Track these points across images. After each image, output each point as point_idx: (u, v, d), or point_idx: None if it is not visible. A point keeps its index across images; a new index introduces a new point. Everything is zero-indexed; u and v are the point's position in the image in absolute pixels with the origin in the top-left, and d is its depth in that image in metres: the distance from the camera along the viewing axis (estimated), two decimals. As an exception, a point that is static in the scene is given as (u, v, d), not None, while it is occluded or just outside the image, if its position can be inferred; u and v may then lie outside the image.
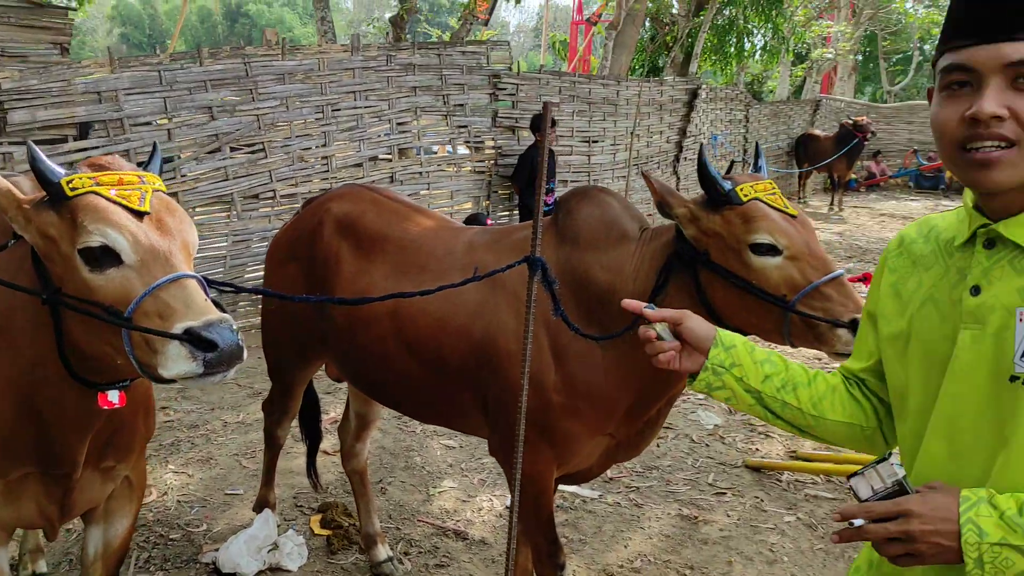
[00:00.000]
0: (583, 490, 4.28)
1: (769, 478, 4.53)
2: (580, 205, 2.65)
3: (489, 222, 7.78)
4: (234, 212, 6.99)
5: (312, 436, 3.83)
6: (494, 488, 4.33)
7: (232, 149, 6.94)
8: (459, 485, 4.37)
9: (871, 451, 1.54)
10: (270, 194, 7.19)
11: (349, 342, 2.93)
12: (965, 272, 1.29)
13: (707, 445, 4.99)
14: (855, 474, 1.26)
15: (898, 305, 1.40)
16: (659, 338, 1.54)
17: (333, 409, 5.35)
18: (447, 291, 2.51)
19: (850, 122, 15.74)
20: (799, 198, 17.18)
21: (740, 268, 2.22)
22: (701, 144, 2.93)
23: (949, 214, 1.42)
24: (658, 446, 4.91)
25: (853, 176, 18.64)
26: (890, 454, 1.25)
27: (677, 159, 13.04)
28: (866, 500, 1.22)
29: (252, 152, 7.07)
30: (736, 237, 2.23)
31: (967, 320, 1.25)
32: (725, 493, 4.35)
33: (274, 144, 7.15)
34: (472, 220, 7.57)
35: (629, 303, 1.61)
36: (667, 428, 5.14)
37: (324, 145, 7.52)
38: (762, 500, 4.26)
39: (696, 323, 1.54)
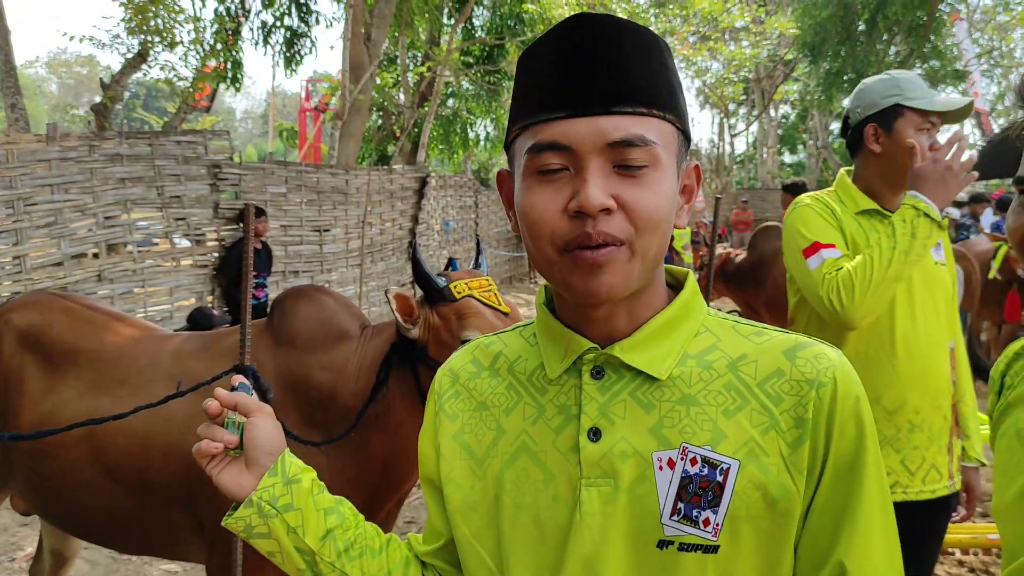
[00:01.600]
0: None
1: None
2: (296, 305, 2.54)
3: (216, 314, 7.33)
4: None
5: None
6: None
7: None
8: (181, 616, 3.93)
9: None
10: (-51, 300, 6.31)
11: (36, 471, 2.56)
12: (570, 410, 0.99)
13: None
14: None
15: (471, 464, 1.05)
16: (225, 425, 1.10)
17: (29, 544, 4.67)
18: (155, 407, 2.29)
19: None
20: (530, 278, 18.00)
21: None
22: (412, 242, 2.96)
23: (507, 334, 1.13)
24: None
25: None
26: None
27: (411, 245, 13.18)
28: None
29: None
30: (451, 332, 2.26)
31: (590, 474, 0.95)
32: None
33: (-47, 244, 6.32)
34: (197, 315, 7.08)
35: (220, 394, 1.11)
36: (410, 523, 5.01)
37: (16, 243, 6.75)
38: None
39: (263, 429, 1.08)
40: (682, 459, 0.93)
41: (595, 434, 0.96)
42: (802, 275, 2.26)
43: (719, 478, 0.92)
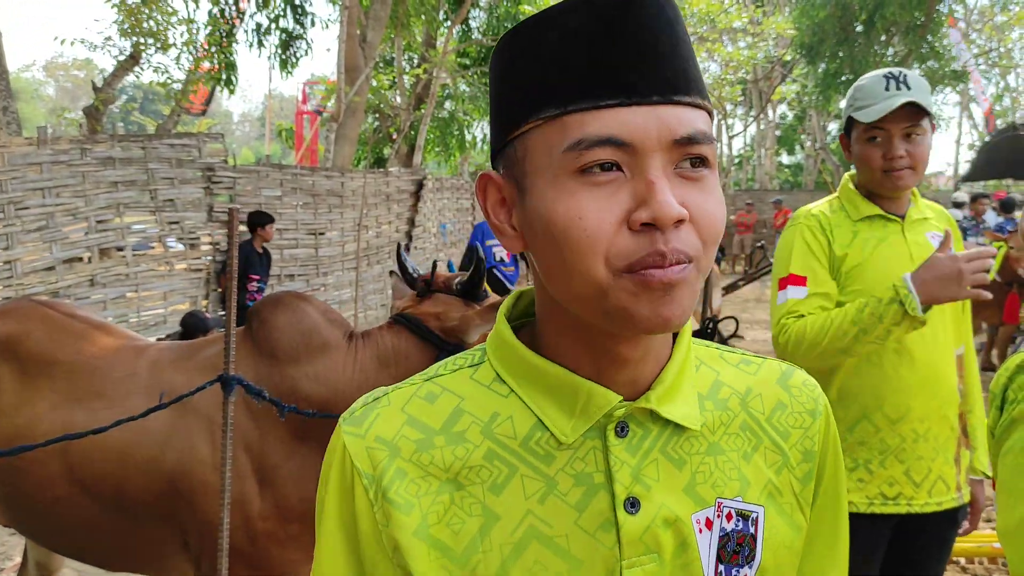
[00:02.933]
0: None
1: None
2: (274, 314, 2.47)
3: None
4: None
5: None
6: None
7: None
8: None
9: None
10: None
11: (12, 486, 2.49)
12: (593, 479, 0.80)
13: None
14: None
15: (448, 565, 0.79)
16: None
17: (18, 553, 4.60)
18: (135, 419, 2.23)
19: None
20: (527, 281, 17.95)
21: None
22: (399, 244, 2.94)
23: (448, 378, 0.86)
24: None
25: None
26: None
27: (408, 248, 13.16)
28: None
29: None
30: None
31: (632, 553, 0.79)
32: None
33: (-58, 249, 6.25)
34: (190, 319, 7.01)
35: None
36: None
37: (7, 248, 6.68)
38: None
39: None
40: (718, 516, 0.82)
41: (633, 505, 0.79)
42: (771, 302, 2.28)
43: (751, 529, 0.83)
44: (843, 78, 22.61)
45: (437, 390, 0.84)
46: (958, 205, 11.59)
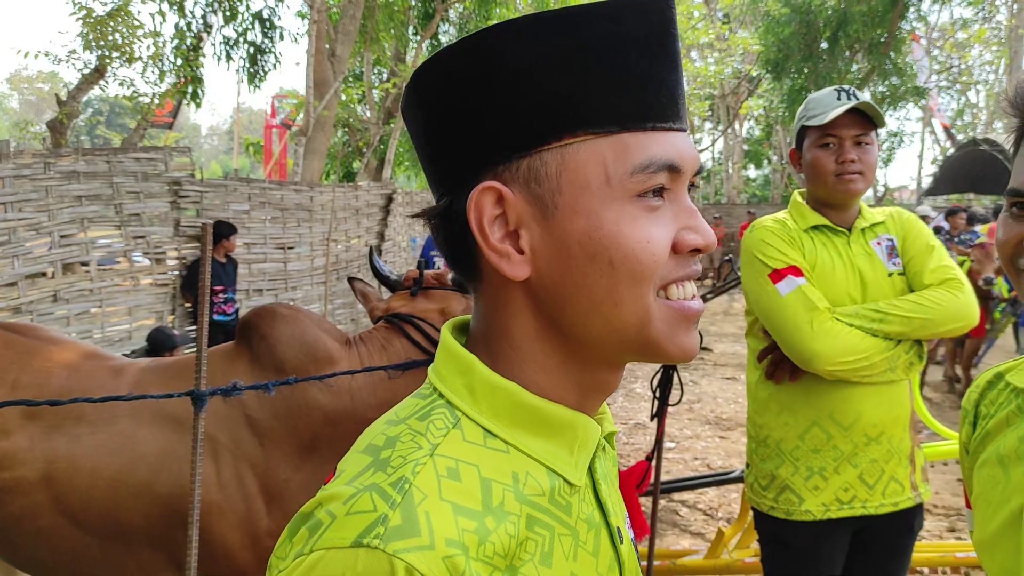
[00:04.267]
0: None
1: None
2: (275, 327, 2.40)
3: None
4: None
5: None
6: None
7: None
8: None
9: None
10: None
11: None
12: (594, 518, 0.78)
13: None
14: None
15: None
16: None
17: None
18: (122, 443, 2.20)
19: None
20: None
21: None
22: (371, 248, 2.92)
23: (449, 446, 0.69)
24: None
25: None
26: None
27: (370, 253, 13.08)
28: None
29: None
30: None
31: None
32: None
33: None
34: (157, 334, 6.92)
35: None
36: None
37: (-33, 263, 6.56)
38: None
39: None
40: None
41: (619, 534, 0.78)
42: (769, 298, 2.23)
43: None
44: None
45: (452, 464, 0.68)
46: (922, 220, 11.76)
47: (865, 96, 2.21)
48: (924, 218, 11.81)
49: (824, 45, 22.32)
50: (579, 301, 0.70)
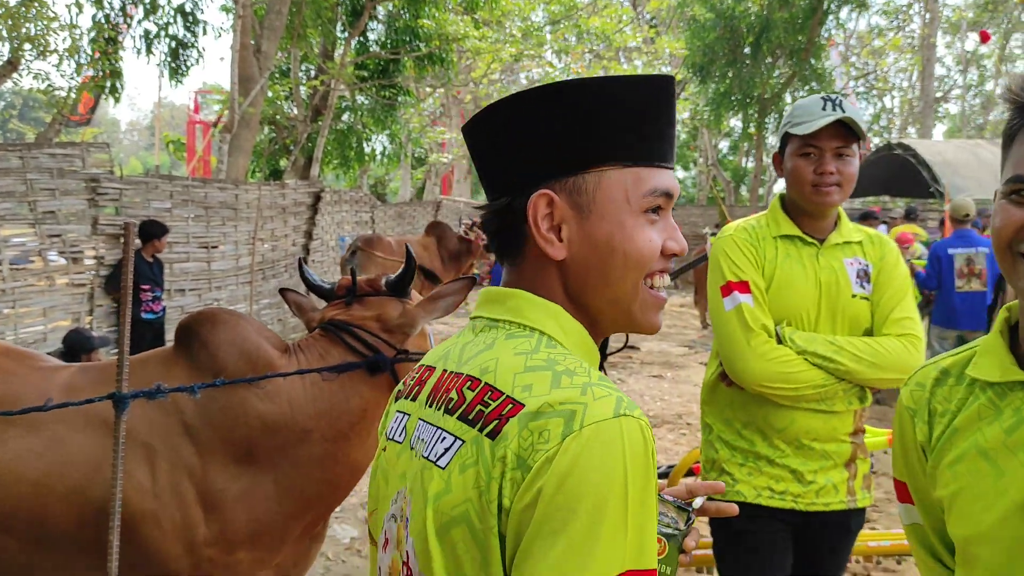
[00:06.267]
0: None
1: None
2: (215, 333, 2.36)
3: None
4: None
5: None
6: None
7: None
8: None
9: None
10: None
11: None
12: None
13: (344, 561, 4.77)
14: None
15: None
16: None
17: None
18: (51, 447, 2.13)
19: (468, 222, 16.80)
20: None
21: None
22: (299, 259, 2.89)
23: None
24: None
25: (475, 271, 19.90)
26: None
27: (305, 261, 12.89)
28: None
29: None
30: (415, 318, 2.55)
31: None
32: (362, 614, 4.13)
33: None
34: (74, 336, 6.69)
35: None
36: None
37: None
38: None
39: None
40: None
41: None
42: (715, 310, 2.29)
43: None
44: (733, 98, 23.44)
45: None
46: None
47: (850, 105, 2.23)
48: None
49: (747, 50, 22.87)
50: (596, 278, 1.03)
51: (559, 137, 1.01)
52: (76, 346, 5.52)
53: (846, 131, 2.20)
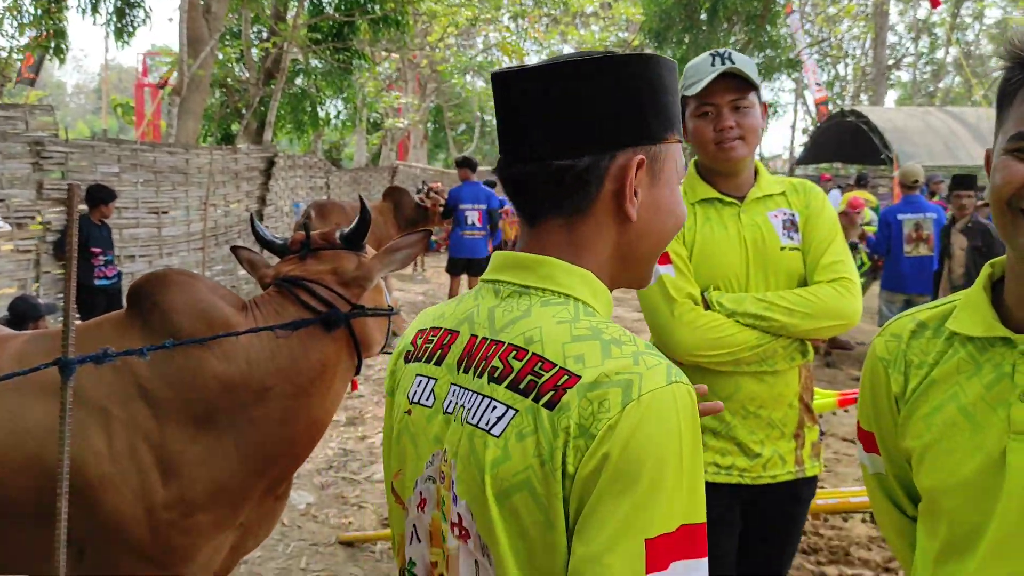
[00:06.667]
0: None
1: (363, 551, 4.44)
2: (168, 294, 2.29)
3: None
4: None
5: None
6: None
7: None
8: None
9: None
10: None
11: None
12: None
13: (299, 527, 4.76)
14: None
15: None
16: None
17: None
18: (7, 419, 2.08)
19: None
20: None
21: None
22: (252, 215, 2.83)
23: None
24: (247, 539, 4.56)
25: (434, 239, 19.78)
26: None
27: (251, 220, 12.72)
28: None
29: None
30: (372, 271, 2.52)
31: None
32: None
33: None
34: (20, 303, 6.54)
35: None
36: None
37: None
38: (356, 577, 4.14)
39: None
40: None
41: None
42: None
43: None
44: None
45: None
46: None
47: (741, 56, 2.17)
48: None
49: (704, 16, 22.90)
50: (651, 235, 1.11)
51: (645, 105, 1.07)
52: (22, 314, 5.39)
53: (740, 83, 2.14)
